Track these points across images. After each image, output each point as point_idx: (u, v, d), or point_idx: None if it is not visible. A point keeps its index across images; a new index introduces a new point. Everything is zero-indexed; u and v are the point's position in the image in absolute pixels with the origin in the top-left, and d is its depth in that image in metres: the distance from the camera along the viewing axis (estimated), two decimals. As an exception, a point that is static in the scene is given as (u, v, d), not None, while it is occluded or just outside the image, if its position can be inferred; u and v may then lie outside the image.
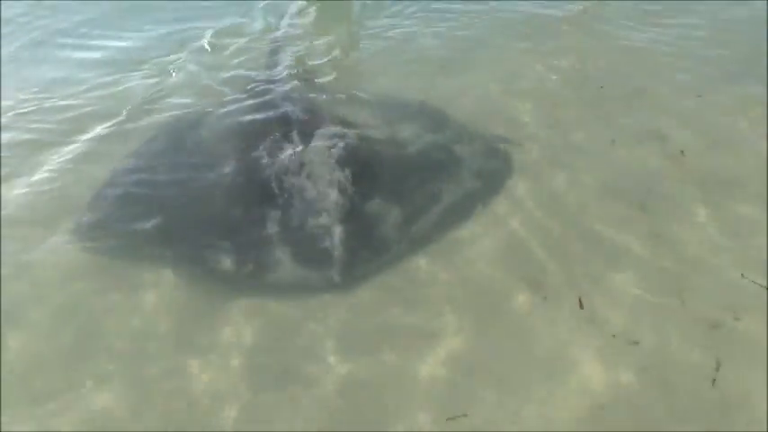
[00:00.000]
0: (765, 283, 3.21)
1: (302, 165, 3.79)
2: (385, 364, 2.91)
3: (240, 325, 3.13)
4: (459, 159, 4.12)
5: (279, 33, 6.23)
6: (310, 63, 5.62)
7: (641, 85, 5.07)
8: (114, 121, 4.74)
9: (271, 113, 4.45)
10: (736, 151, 4.24)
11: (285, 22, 6.46)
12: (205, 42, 5.96)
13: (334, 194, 3.60)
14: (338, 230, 3.43)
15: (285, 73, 5.27)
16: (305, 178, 3.71)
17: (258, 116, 4.46)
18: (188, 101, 5.01)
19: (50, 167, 4.22)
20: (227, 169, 3.90)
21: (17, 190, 4.02)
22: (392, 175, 3.92)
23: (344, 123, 4.33)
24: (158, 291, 3.32)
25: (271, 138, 4.06)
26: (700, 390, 2.73)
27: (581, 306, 3.15)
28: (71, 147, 4.44)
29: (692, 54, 5.51)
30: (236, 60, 5.69)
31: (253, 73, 5.40)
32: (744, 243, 3.50)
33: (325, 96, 4.87)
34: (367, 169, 3.83)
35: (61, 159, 4.30)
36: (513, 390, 2.77)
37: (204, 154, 4.13)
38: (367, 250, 3.44)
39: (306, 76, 5.28)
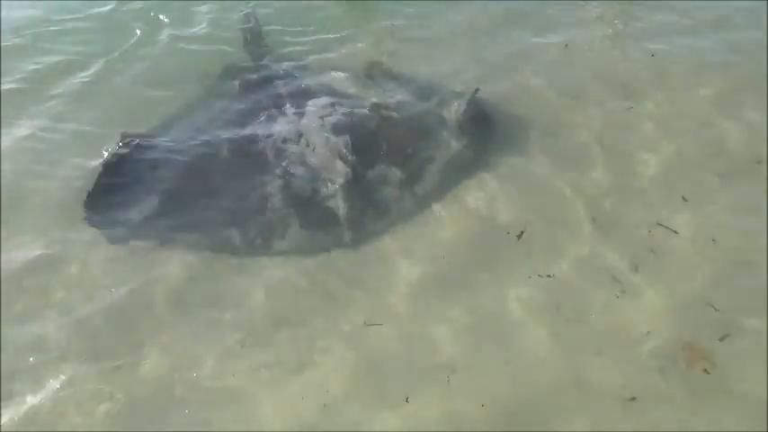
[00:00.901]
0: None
1: (300, 134, 3.86)
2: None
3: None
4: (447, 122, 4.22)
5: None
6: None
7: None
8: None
9: (263, 89, 4.49)
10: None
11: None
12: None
13: (334, 160, 3.68)
14: (342, 194, 3.52)
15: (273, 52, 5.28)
16: (304, 146, 3.78)
17: (252, 92, 4.49)
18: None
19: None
20: (228, 144, 3.93)
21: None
22: (387, 138, 4.00)
23: (335, 93, 4.40)
24: (176, 268, 3.35)
25: (266, 110, 4.12)
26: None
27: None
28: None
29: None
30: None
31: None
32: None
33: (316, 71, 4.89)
34: (363, 135, 3.91)
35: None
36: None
37: (204, 132, 4.14)
38: (371, 211, 3.54)
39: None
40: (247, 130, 4.00)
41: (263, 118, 4.10)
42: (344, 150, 3.75)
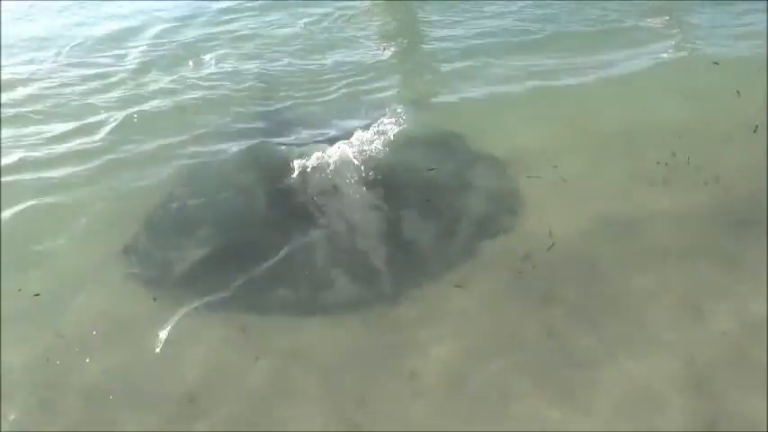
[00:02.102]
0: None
1: (335, 187, 3.95)
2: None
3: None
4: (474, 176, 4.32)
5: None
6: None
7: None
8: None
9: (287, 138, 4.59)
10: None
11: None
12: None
13: (371, 214, 3.76)
14: (382, 249, 3.58)
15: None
16: (340, 200, 3.86)
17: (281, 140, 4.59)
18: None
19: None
20: (264, 198, 4.01)
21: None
22: (417, 191, 4.09)
23: (362, 142, 4.50)
24: (217, 330, 3.33)
25: (296, 161, 4.21)
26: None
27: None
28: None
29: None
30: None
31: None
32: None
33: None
34: (395, 188, 4.00)
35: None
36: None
37: (236, 187, 4.21)
38: (410, 267, 3.59)
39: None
40: (281, 183, 4.07)
41: (296, 169, 4.18)
42: (379, 203, 3.84)
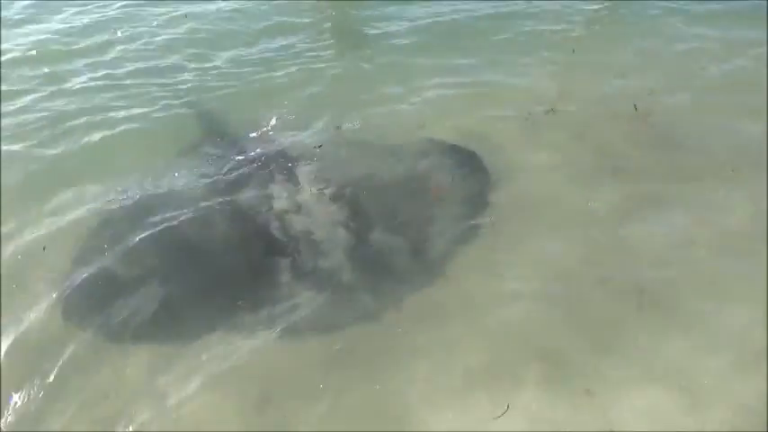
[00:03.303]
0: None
1: (299, 205, 3.79)
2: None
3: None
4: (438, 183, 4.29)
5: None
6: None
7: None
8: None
9: (247, 155, 4.39)
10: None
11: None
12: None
13: (338, 231, 3.63)
14: (352, 267, 3.45)
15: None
16: (306, 218, 3.70)
17: (239, 162, 4.37)
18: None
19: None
20: (225, 218, 3.76)
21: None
22: (383, 204, 4.00)
23: (317, 158, 4.38)
24: (177, 369, 3.08)
25: (259, 182, 4.02)
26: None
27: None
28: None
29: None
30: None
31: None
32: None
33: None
34: (361, 202, 3.90)
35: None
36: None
37: (190, 207, 3.93)
38: (384, 282, 3.47)
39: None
40: (242, 202, 3.86)
41: (254, 188, 3.99)
42: (346, 220, 3.72)
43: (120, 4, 7.24)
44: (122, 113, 5.22)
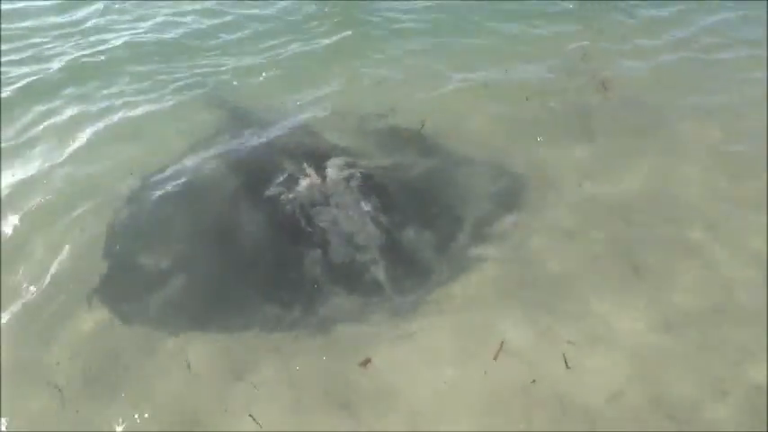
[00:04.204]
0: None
1: (327, 197, 3.73)
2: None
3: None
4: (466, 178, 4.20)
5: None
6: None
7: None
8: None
9: (275, 146, 4.33)
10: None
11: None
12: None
13: (367, 224, 3.57)
14: (382, 261, 3.40)
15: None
16: (334, 211, 3.64)
17: (262, 150, 4.32)
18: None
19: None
20: (252, 210, 3.72)
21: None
22: (413, 199, 3.93)
23: (347, 151, 4.32)
24: (204, 354, 3.10)
25: (284, 172, 3.97)
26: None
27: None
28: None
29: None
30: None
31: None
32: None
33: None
34: (389, 195, 3.83)
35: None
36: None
37: (218, 199, 3.91)
38: (412, 278, 3.42)
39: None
40: (270, 194, 3.82)
41: (282, 180, 3.94)
42: (375, 213, 3.65)
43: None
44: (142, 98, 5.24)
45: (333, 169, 3.98)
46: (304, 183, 3.84)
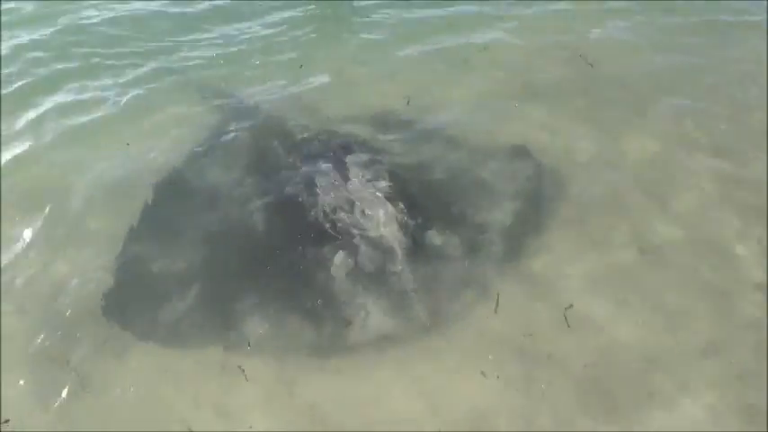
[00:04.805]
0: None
1: (351, 201, 3.53)
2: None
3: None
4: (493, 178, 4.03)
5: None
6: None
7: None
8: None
9: (289, 142, 4.09)
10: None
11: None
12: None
13: (396, 232, 3.39)
14: (411, 272, 3.24)
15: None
16: (360, 216, 3.45)
17: (277, 146, 4.09)
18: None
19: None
20: (271, 214, 3.51)
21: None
22: (439, 202, 3.76)
23: (368, 147, 4.11)
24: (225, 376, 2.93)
25: (302, 171, 3.76)
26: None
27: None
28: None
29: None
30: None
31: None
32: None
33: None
34: (415, 198, 3.64)
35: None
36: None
37: (231, 202, 3.69)
38: (444, 290, 3.27)
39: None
40: (289, 196, 3.60)
41: (300, 180, 3.72)
42: (401, 215, 3.47)
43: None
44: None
45: (354, 168, 3.78)
46: (325, 183, 3.64)
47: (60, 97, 4.93)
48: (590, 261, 3.49)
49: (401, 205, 3.49)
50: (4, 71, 5.24)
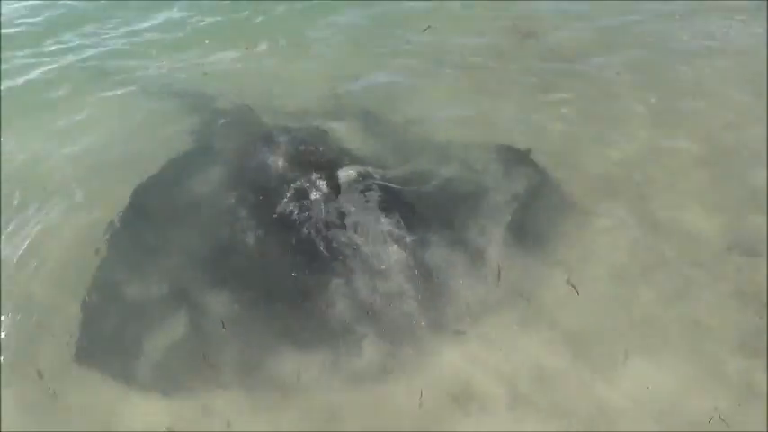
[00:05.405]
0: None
1: (343, 215, 3.34)
2: None
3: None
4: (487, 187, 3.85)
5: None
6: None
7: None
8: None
9: (278, 155, 3.89)
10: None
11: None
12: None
13: (393, 249, 3.20)
14: (412, 291, 3.05)
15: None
16: (353, 232, 3.26)
17: (264, 160, 3.87)
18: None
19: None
20: (256, 232, 3.29)
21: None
22: (434, 214, 3.57)
23: (356, 159, 3.92)
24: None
25: (291, 186, 3.56)
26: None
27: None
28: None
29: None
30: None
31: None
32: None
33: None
34: (409, 211, 3.46)
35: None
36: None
37: (218, 219, 3.46)
38: (446, 308, 3.08)
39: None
40: (280, 214, 3.37)
41: (290, 194, 3.51)
42: (397, 231, 3.28)
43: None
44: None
45: (345, 181, 3.59)
46: (317, 199, 3.44)
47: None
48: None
49: (395, 216, 3.31)
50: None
